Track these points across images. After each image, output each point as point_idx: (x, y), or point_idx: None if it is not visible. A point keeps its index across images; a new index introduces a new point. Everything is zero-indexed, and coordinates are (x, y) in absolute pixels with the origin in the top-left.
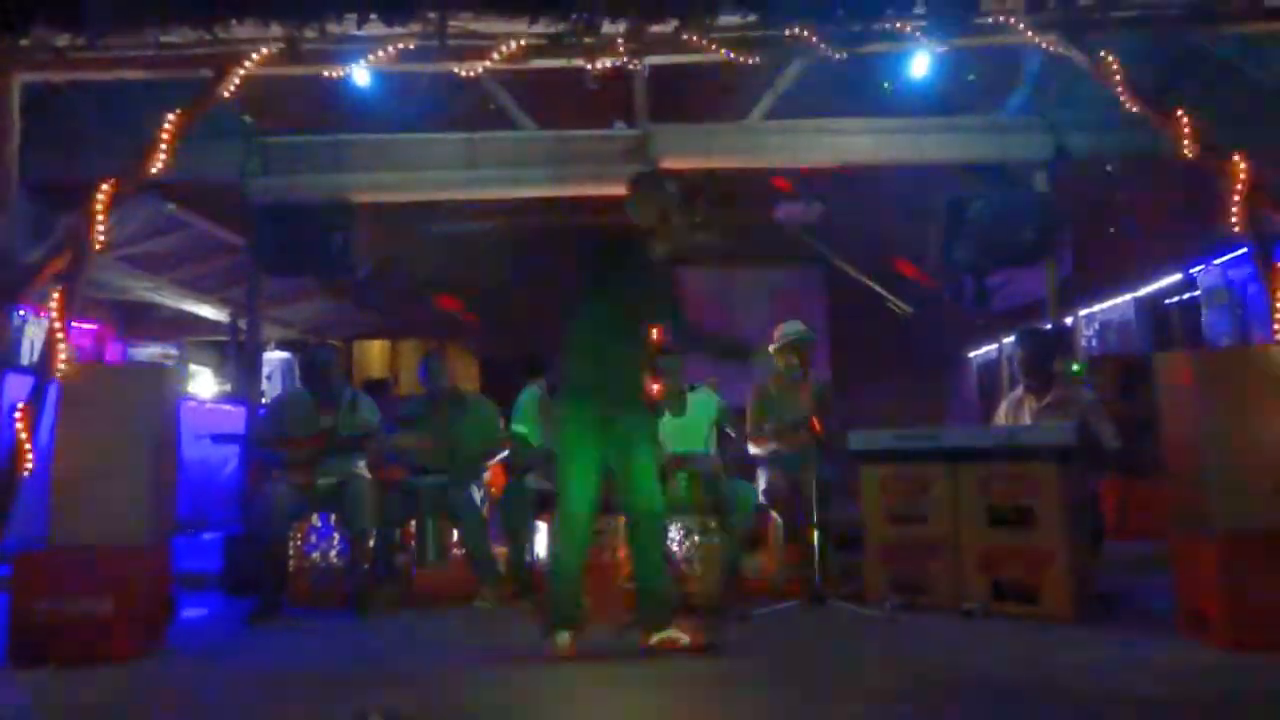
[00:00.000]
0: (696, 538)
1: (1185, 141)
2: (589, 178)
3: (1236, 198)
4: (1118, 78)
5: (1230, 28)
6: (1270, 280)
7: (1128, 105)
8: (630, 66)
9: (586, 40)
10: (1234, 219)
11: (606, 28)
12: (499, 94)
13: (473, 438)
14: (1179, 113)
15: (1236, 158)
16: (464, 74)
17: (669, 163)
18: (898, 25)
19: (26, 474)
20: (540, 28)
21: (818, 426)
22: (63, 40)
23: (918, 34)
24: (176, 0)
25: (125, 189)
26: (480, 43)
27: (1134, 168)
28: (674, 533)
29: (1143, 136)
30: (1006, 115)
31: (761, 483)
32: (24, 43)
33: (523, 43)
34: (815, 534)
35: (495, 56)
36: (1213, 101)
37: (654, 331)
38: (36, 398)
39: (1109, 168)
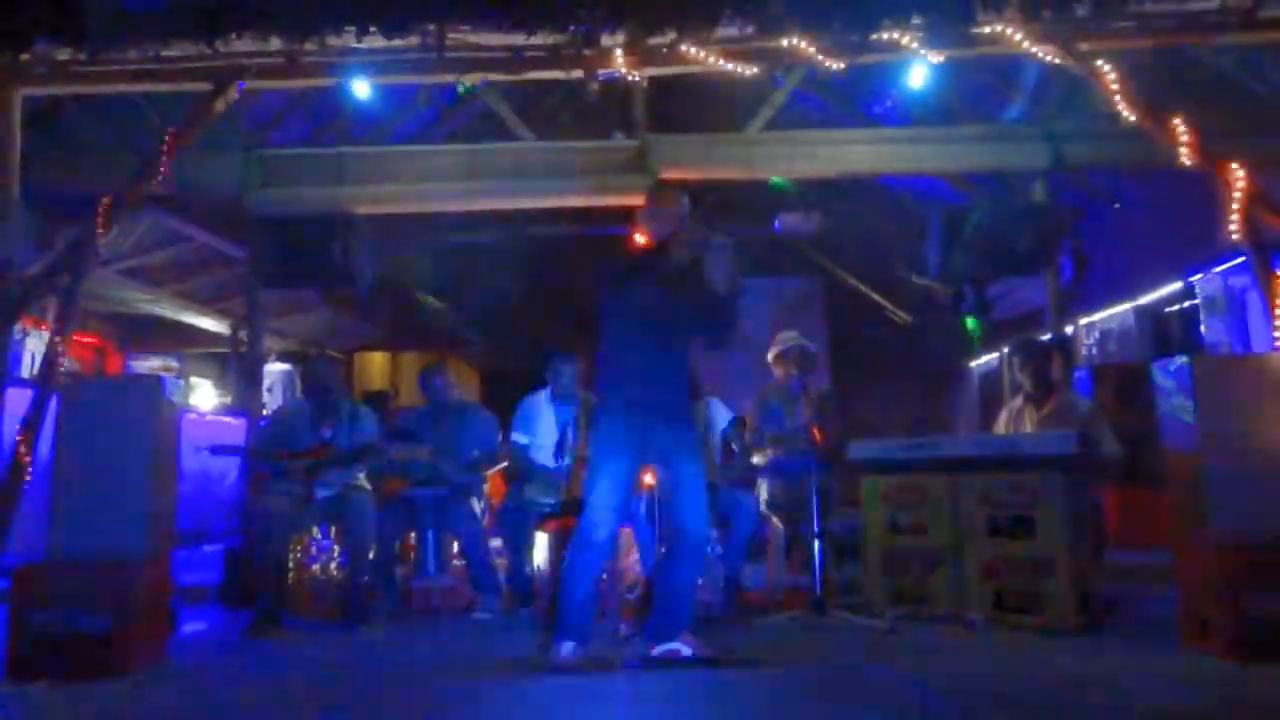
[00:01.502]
0: None
1: (1183, 150)
2: (589, 189)
3: (1235, 206)
4: (1115, 87)
5: (1226, 38)
6: (1269, 288)
7: (1125, 114)
8: (629, 78)
9: (585, 52)
10: (1233, 227)
11: (605, 40)
12: (498, 106)
13: (471, 449)
14: (1176, 122)
15: (1234, 166)
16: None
17: (668, 173)
18: (895, 36)
19: (26, 487)
20: (539, 40)
21: (818, 436)
22: (64, 55)
23: (915, 45)
24: (177, 15)
25: (125, 203)
26: (479, 55)
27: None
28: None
29: (1141, 146)
30: (1004, 125)
31: (763, 492)
32: (25, 57)
33: (522, 55)
34: (816, 544)
35: (494, 69)
36: (1209, 110)
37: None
38: (37, 410)
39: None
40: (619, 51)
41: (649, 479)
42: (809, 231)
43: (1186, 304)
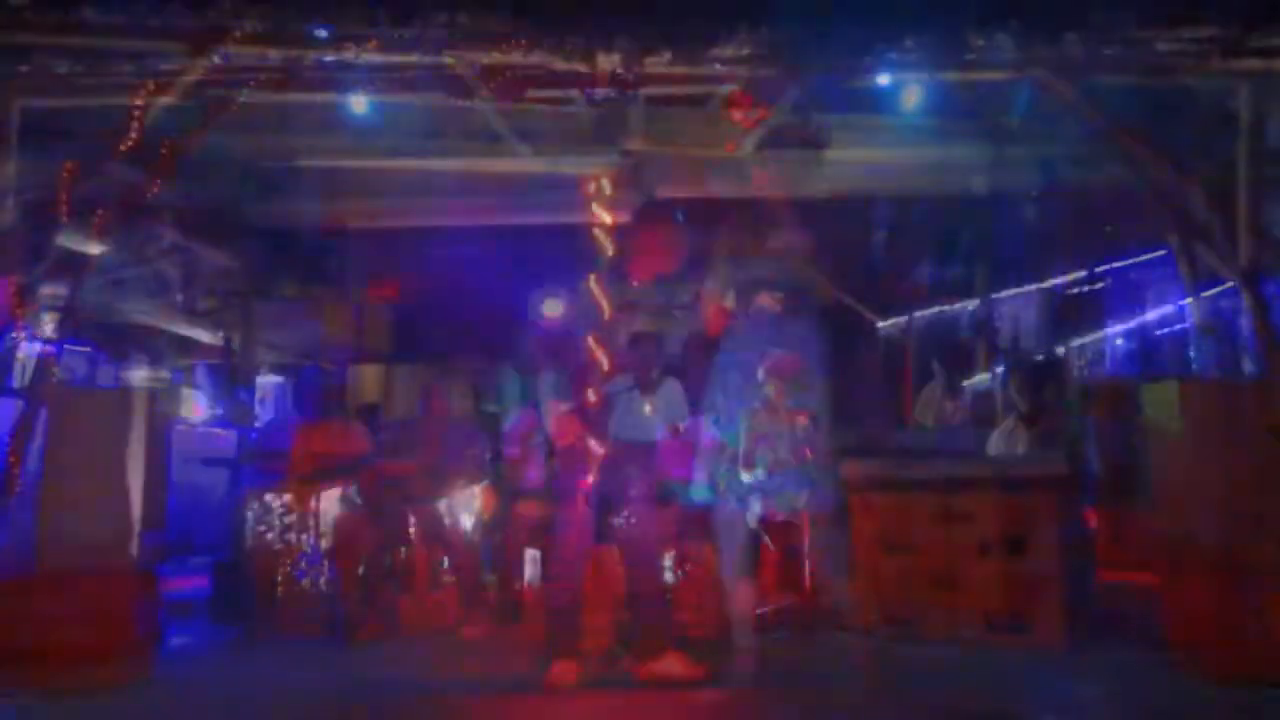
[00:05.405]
0: (688, 566)
1: (1170, 174)
2: (583, 205)
3: (1225, 230)
4: (1102, 114)
5: (1214, 66)
6: (1258, 312)
7: (1113, 140)
8: (624, 96)
9: (582, 70)
10: (1222, 251)
11: (601, 59)
12: (494, 121)
13: (460, 462)
14: (1163, 147)
15: (1222, 190)
16: (460, 102)
17: (662, 191)
18: (888, 59)
19: (14, 498)
20: (536, 58)
21: (809, 454)
22: (62, 67)
23: (907, 68)
24: (175, 26)
25: (120, 214)
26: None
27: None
28: (666, 561)
29: (1131, 168)
30: (997, 146)
31: (756, 509)
32: (23, 68)
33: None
34: (806, 563)
35: (491, 85)
36: (1195, 134)
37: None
38: (27, 421)
39: None
40: (615, 70)
41: None
42: (802, 246)
43: (1177, 327)
